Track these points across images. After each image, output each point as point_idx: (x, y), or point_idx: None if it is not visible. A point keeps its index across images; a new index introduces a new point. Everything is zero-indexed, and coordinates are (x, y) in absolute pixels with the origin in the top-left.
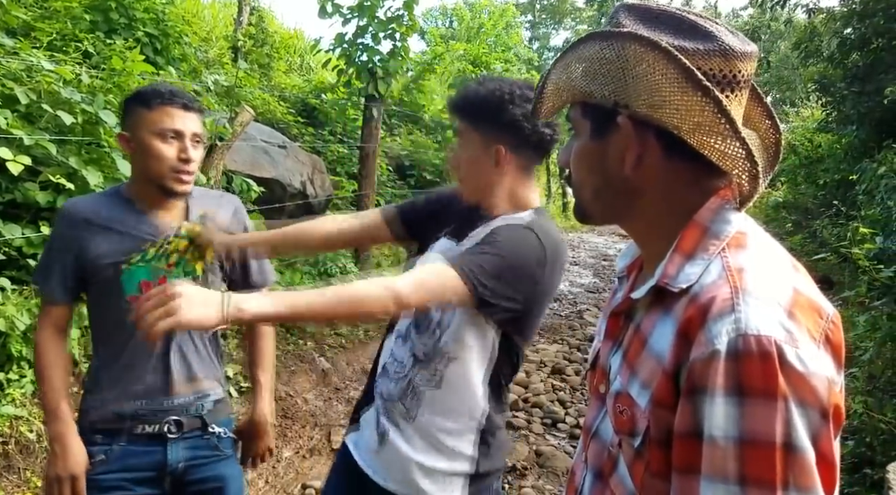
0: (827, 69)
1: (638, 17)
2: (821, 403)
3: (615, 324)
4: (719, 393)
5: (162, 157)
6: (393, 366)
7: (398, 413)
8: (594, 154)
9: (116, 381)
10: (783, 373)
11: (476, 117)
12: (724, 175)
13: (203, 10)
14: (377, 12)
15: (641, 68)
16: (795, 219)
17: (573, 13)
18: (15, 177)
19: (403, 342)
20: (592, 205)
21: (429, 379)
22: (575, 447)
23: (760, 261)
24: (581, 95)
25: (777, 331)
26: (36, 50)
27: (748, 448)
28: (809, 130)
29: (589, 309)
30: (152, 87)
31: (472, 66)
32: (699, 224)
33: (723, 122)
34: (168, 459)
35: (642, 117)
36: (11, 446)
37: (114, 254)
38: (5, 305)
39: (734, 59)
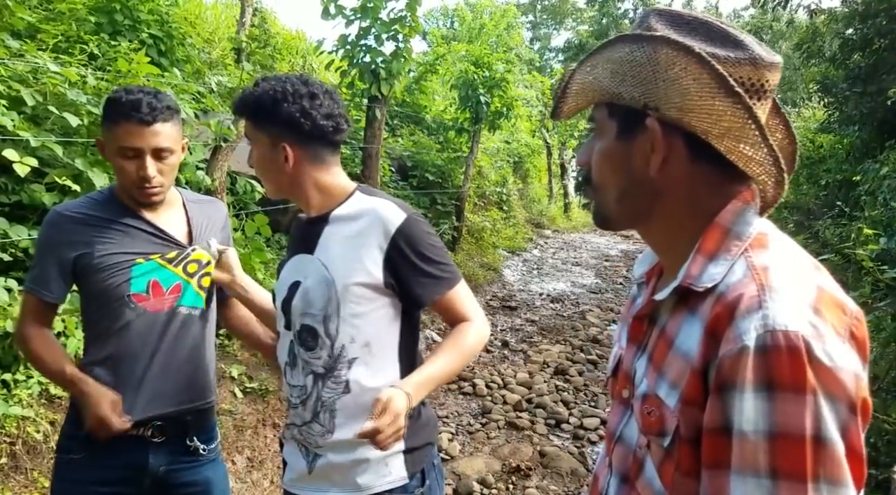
0: (829, 70)
1: (669, 22)
2: (849, 397)
3: (638, 328)
4: (749, 388)
5: (124, 173)
6: (293, 394)
7: (317, 433)
8: (619, 155)
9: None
10: (811, 368)
11: (256, 118)
12: (745, 179)
13: (206, 12)
14: (380, 13)
15: (673, 72)
16: (797, 220)
17: (574, 14)
18: (21, 179)
19: (292, 369)
20: (615, 208)
21: (335, 388)
22: (579, 447)
23: (783, 259)
24: (609, 96)
25: (804, 327)
26: (41, 52)
27: (778, 441)
28: (811, 131)
29: (591, 309)
30: (118, 95)
31: (473, 67)
32: (721, 225)
33: (753, 128)
34: (149, 462)
35: (671, 120)
36: (19, 446)
37: (118, 250)
38: (12, 306)
39: (763, 68)
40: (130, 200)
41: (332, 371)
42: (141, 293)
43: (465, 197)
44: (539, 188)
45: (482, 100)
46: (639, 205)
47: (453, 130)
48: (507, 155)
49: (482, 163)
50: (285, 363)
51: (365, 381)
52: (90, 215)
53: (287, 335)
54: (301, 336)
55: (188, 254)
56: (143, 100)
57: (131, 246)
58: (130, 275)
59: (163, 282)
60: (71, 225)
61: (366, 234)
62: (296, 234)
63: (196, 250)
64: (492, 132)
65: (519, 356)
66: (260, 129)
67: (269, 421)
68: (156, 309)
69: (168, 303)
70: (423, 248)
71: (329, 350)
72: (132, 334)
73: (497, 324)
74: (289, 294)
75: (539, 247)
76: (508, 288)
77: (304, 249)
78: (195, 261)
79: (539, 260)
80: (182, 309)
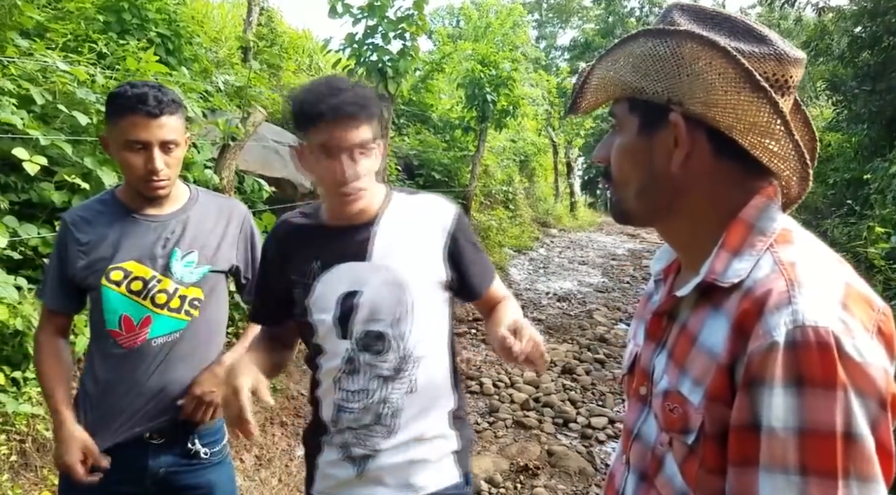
0: (837, 68)
1: (693, 16)
2: (879, 392)
3: (657, 325)
4: (778, 384)
5: (130, 168)
6: (353, 399)
7: (378, 435)
8: (641, 150)
9: (104, 398)
10: (842, 363)
11: (375, 118)
12: (767, 175)
13: (213, 11)
14: (387, 12)
15: (698, 66)
16: (805, 219)
17: (580, 12)
18: (31, 177)
19: (352, 375)
20: (635, 204)
21: (400, 389)
22: (587, 447)
23: (810, 255)
24: (631, 91)
25: (834, 323)
26: (51, 51)
27: (809, 437)
28: (819, 129)
29: (598, 308)
30: (123, 89)
31: (480, 66)
32: (745, 221)
33: (778, 124)
34: (148, 464)
35: (695, 115)
36: (28, 444)
37: (97, 258)
38: (22, 304)
39: (787, 64)
40: (133, 199)
41: (400, 372)
42: (115, 329)
43: (471, 195)
44: (545, 187)
45: (488, 98)
46: (659, 201)
47: (459, 129)
48: (513, 153)
49: (488, 162)
50: (340, 370)
51: (429, 378)
52: (89, 218)
53: (341, 344)
54: (364, 342)
55: (153, 286)
56: (149, 93)
57: (111, 248)
58: (103, 299)
59: (133, 317)
60: (71, 229)
61: (425, 233)
62: (323, 243)
63: (161, 280)
64: (498, 131)
65: None
66: (373, 128)
67: (276, 420)
68: (130, 344)
69: (141, 338)
70: (474, 240)
71: (398, 352)
72: (117, 364)
73: None
74: (344, 306)
75: (545, 245)
76: (515, 287)
77: (353, 257)
78: (162, 292)
79: (545, 259)
80: (157, 340)
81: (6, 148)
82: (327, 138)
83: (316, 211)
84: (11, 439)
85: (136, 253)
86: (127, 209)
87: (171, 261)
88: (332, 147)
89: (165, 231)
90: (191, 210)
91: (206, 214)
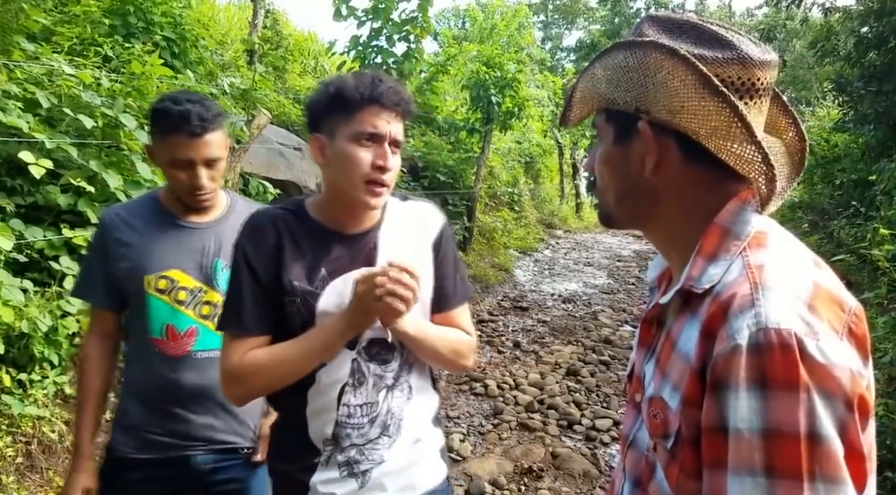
0: (843, 68)
1: (661, 27)
2: (844, 393)
3: (647, 331)
4: (742, 387)
5: (176, 181)
6: (358, 414)
7: (383, 446)
8: (617, 158)
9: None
10: (804, 365)
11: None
12: (742, 178)
13: (218, 14)
14: (392, 14)
15: (661, 75)
16: (812, 220)
17: (586, 13)
18: (37, 181)
19: (357, 388)
20: (616, 209)
21: (401, 397)
22: (591, 449)
23: (781, 257)
24: (605, 102)
25: (797, 324)
26: (56, 54)
27: (773, 439)
28: (826, 130)
29: (603, 310)
30: (165, 106)
31: (485, 67)
32: (719, 226)
33: (739, 127)
34: (194, 462)
35: (662, 122)
36: (34, 446)
37: (140, 263)
38: (28, 307)
39: (752, 67)
40: (176, 205)
41: (399, 379)
42: (157, 337)
43: (476, 197)
44: (551, 188)
45: (493, 100)
46: (638, 206)
47: (464, 131)
48: (518, 155)
49: (493, 164)
50: (344, 384)
51: (419, 382)
52: (131, 220)
53: (346, 354)
54: (370, 351)
55: (199, 297)
56: (193, 111)
57: (155, 254)
58: (149, 306)
59: (177, 326)
60: (115, 227)
61: (419, 239)
62: (328, 248)
63: (206, 291)
64: (503, 132)
65: (530, 357)
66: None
67: None
68: (173, 353)
69: (184, 349)
70: (457, 254)
71: (401, 359)
72: (159, 371)
73: (508, 324)
74: None
75: (551, 247)
76: (520, 288)
77: (363, 263)
78: (208, 303)
79: (550, 260)
80: (200, 354)
81: (12, 151)
82: (376, 122)
83: (301, 209)
84: (17, 441)
85: (180, 262)
86: (170, 214)
87: (216, 271)
88: (379, 133)
89: (207, 240)
90: (230, 218)
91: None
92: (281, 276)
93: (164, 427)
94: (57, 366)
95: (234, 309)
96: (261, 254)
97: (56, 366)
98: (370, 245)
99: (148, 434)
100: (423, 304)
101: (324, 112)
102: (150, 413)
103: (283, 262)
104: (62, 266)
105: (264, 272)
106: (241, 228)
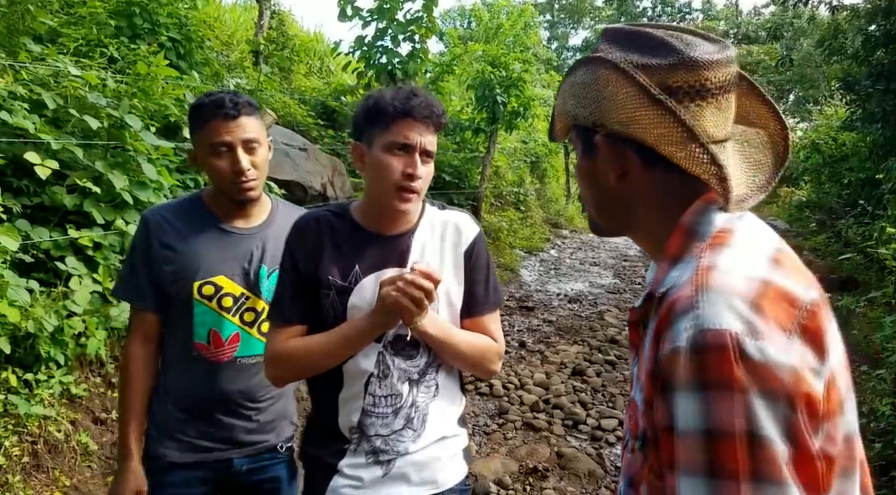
0: (851, 67)
1: (614, 40)
2: (787, 394)
3: (635, 333)
4: (683, 388)
5: (218, 172)
6: (383, 404)
7: (407, 438)
8: (588, 171)
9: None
10: (743, 365)
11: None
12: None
13: (224, 15)
14: (396, 15)
15: (609, 89)
16: (819, 219)
17: (592, 12)
18: (42, 181)
19: (382, 380)
20: (599, 219)
21: (427, 392)
22: (597, 449)
23: (733, 257)
24: (570, 118)
25: (735, 325)
26: (62, 55)
27: (712, 439)
28: (833, 129)
29: (609, 309)
30: (201, 101)
31: (490, 67)
32: (683, 227)
33: (680, 131)
34: (235, 463)
35: (617, 134)
36: (40, 446)
37: (186, 268)
38: (34, 307)
39: (699, 68)
40: (221, 207)
41: (425, 375)
42: (202, 342)
43: (481, 197)
44: (556, 188)
45: (499, 100)
46: (615, 215)
47: (470, 130)
48: (524, 155)
49: (499, 164)
50: (370, 375)
51: (448, 382)
52: (175, 222)
53: (374, 347)
54: (395, 346)
55: (243, 304)
56: (225, 97)
57: (202, 260)
58: (195, 312)
59: (222, 333)
60: (160, 229)
61: (451, 246)
62: (364, 247)
63: (250, 298)
64: (509, 132)
65: (536, 356)
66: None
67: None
68: (217, 359)
69: (227, 354)
70: (489, 263)
71: (427, 357)
72: (201, 377)
73: (514, 324)
74: None
75: (556, 247)
76: (525, 288)
77: (394, 263)
78: (251, 310)
79: (556, 260)
80: (243, 360)
81: (18, 152)
82: (408, 133)
83: (345, 212)
84: (24, 440)
85: (226, 268)
86: (214, 218)
87: (261, 278)
88: (410, 143)
89: (252, 246)
90: (274, 223)
91: (287, 229)
92: (318, 271)
93: (207, 431)
94: (63, 366)
95: (279, 301)
96: (303, 251)
97: (62, 365)
98: (403, 247)
99: (191, 438)
100: (453, 309)
101: (363, 123)
102: (193, 418)
103: (322, 259)
104: (68, 266)
105: (304, 267)
106: (292, 227)
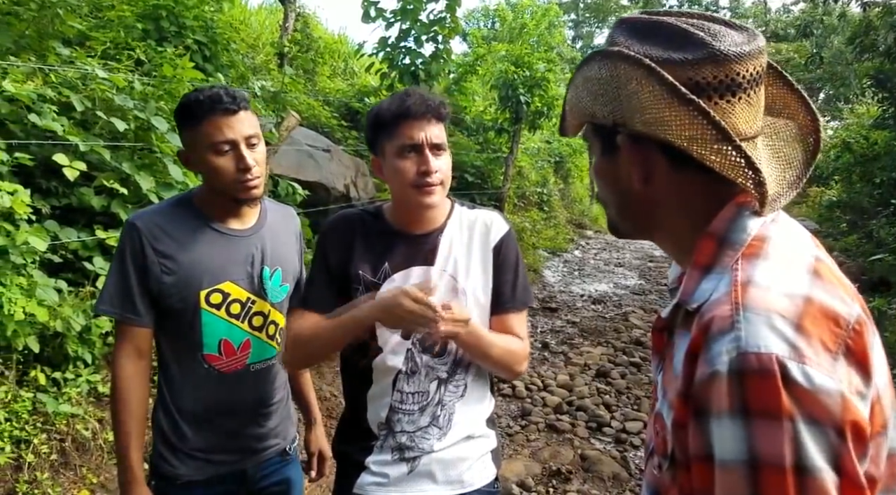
0: (883, 64)
1: (629, 32)
2: (834, 421)
3: (659, 339)
4: (725, 415)
5: (221, 172)
6: (410, 401)
7: (433, 436)
8: (608, 172)
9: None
10: (788, 391)
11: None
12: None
13: (250, 17)
14: (420, 15)
15: (631, 87)
16: (850, 219)
17: (618, 11)
18: (71, 183)
19: (411, 377)
20: (620, 221)
21: (455, 392)
22: (621, 451)
23: (772, 270)
24: (586, 116)
25: (779, 347)
26: (91, 58)
27: (759, 471)
28: (864, 127)
29: (634, 311)
30: (194, 96)
31: (514, 67)
32: (713, 235)
33: (713, 133)
34: (248, 472)
35: (641, 134)
36: (68, 443)
37: (190, 278)
38: (62, 307)
39: (727, 62)
40: (214, 209)
41: (454, 375)
42: (212, 353)
43: (504, 197)
44: (581, 188)
45: (522, 99)
46: (638, 218)
47: (493, 131)
48: (547, 155)
49: (522, 164)
50: (399, 371)
51: (477, 383)
52: (167, 228)
53: (403, 344)
54: (423, 343)
55: (250, 309)
56: (221, 92)
57: (207, 268)
58: (202, 323)
59: (233, 341)
60: (153, 237)
61: (480, 244)
62: (392, 245)
63: (256, 301)
64: (532, 132)
65: (559, 358)
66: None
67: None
68: (230, 368)
69: (240, 363)
70: (519, 262)
71: (455, 355)
72: (214, 389)
73: (537, 325)
74: None
75: (580, 247)
76: (549, 289)
77: (422, 262)
78: (259, 314)
79: (580, 261)
80: (256, 366)
81: (47, 153)
82: (411, 133)
83: (379, 213)
84: (52, 438)
85: (230, 273)
86: (207, 220)
87: (264, 280)
88: (415, 143)
89: (252, 247)
90: (267, 222)
91: (278, 225)
92: (350, 267)
93: (222, 445)
94: (90, 365)
95: (306, 288)
96: (336, 246)
97: (89, 364)
98: (431, 245)
99: (206, 453)
100: (482, 308)
101: (372, 135)
102: (206, 434)
103: (353, 255)
104: (95, 266)
105: (336, 262)
106: (327, 223)
